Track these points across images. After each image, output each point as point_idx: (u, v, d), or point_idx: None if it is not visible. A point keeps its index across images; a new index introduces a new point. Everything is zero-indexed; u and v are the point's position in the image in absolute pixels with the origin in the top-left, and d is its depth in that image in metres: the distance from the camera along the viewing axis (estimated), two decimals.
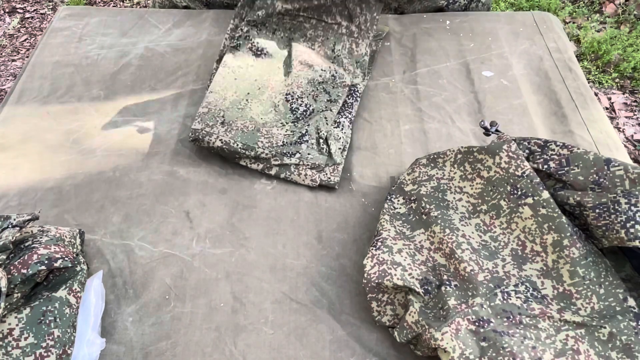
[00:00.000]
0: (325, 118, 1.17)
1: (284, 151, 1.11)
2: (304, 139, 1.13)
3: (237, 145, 1.10)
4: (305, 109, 1.19)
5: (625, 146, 1.90)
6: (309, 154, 1.12)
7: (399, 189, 1.02)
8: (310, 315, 0.91)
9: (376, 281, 0.83)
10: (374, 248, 0.89)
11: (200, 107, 1.18)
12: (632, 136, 1.94)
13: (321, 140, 1.14)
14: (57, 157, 1.18)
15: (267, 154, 1.10)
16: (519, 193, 0.87)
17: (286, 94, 1.21)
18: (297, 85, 1.22)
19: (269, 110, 1.18)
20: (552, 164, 0.88)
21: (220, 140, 1.11)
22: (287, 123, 1.16)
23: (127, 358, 0.85)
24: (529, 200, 0.85)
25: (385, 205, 0.99)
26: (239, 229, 1.03)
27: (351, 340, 0.87)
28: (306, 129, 1.15)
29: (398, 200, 1.00)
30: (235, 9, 1.37)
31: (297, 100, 1.20)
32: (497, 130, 1.03)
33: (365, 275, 0.85)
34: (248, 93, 1.21)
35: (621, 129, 1.97)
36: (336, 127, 1.17)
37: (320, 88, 1.22)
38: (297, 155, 1.11)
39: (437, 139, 1.20)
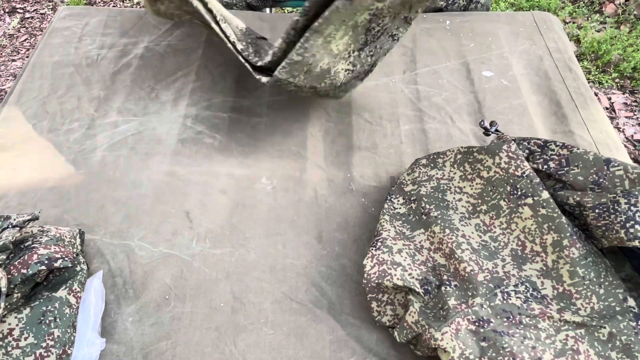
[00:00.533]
0: (387, 49, 1.12)
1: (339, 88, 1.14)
2: (362, 77, 1.15)
3: (306, 86, 1.06)
4: (379, 29, 1.01)
5: (625, 146, 1.90)
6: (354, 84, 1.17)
7: (399, 189, 1.02)
8: (310, 315, 0.91)
9: (376, 281, 0.83)
10: (374, 248, 0.89)
11: (294, 52, 0.92)
12: (632, 136, 1.94)
13: (369, 73, 1.17)
14: (57, 157, 1.18)
15: (324, 92, 1.12)
16: (519, 193, 0.87)
17: (374, 14, 0.95)
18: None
19: (347, 33, 0.96)
20: (552, 164, 0.88)
21: (295, 85, 1.04)
22: (352, 52, 1.03)
23: (127, 358, 0.85)
24: (529, 200, 0.85)
25: (385, 205, 0.99)
26: (239, 229, 1.03)
27: (351, 340, 0.87)
28: (366, 69, 1.13)
29: (398, 201, 1.00)
30: None
31: (380, 19, 0.98)
32: (497, 130, 1.03)
33: (365, 275, 0.85)
34: (337, 8, 0.90)
35: (621, 129, 1.97)
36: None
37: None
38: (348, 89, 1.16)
39: (437, 139, 1.20)
